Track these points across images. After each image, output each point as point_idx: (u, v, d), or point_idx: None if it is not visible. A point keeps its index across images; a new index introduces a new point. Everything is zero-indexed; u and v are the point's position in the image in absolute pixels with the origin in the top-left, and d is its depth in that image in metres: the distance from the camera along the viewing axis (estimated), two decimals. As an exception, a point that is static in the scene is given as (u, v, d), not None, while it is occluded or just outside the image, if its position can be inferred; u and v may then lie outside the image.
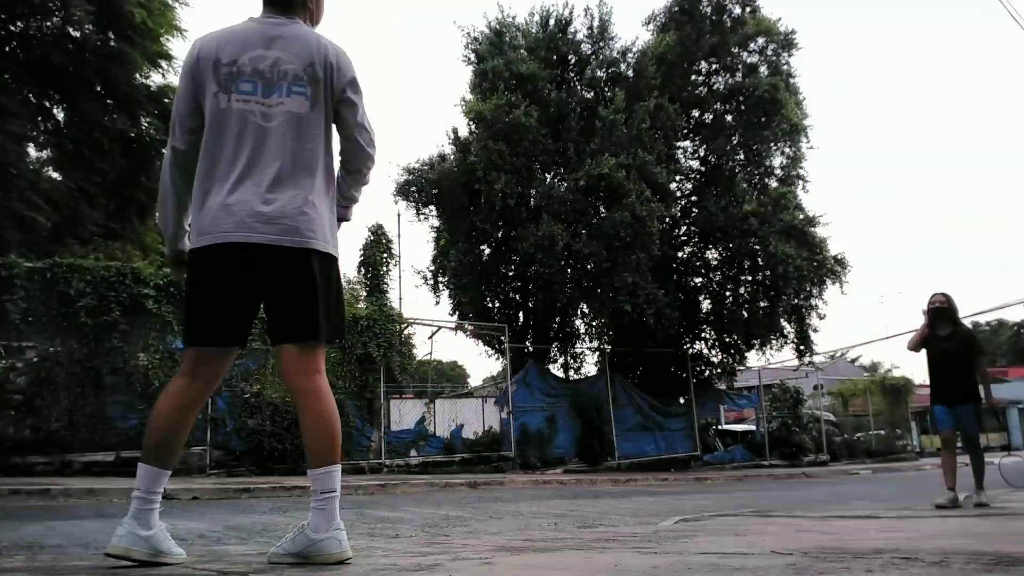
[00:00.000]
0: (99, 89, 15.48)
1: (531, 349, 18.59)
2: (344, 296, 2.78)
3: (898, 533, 3.87)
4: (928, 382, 7.06)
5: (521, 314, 19.28)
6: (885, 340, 58.46)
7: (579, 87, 18.10)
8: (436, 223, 19.25)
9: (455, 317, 18.88)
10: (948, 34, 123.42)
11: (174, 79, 16.73)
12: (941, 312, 6.85)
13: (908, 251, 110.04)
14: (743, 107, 18.63)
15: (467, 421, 16.12)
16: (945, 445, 6.85)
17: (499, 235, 18.17)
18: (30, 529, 4.91)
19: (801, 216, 18.10)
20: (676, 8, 18.62)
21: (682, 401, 19.73)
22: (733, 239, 17.62)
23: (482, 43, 18.15)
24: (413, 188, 18.24)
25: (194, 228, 2.49)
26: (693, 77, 19.30)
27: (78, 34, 14.81)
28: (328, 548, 2.42)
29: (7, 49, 14.88)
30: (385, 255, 14.49)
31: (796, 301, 18.10)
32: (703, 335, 20.17)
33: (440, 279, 19.29)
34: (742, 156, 19.28)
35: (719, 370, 20.43)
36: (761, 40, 19.10)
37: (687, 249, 19.68)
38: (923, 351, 7.00)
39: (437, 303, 19.68)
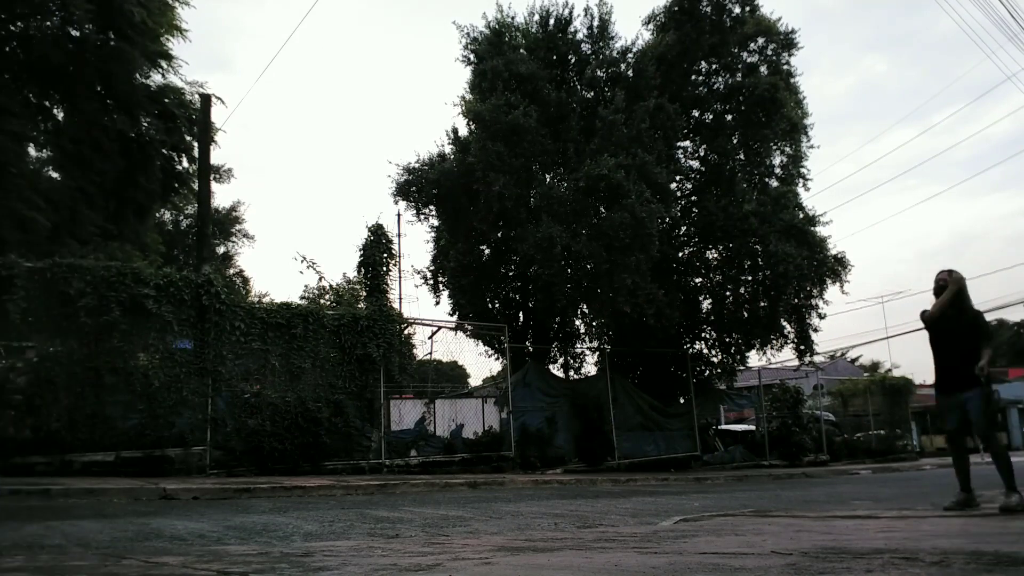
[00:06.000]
0: (99, 89, 15.47)
1: (531, 349, 18.59)
2: None
3: (898, 533, 3.86)
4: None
5: (521, 314, 19.28)
6: (885, 340, 58.45)
7: (579, 87, 18.08)
8: (436, 223, 19.26)
9: (455, 317, 18.88)
10: None
11: (174, 79, 16.73)
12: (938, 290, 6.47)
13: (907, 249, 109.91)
14: (743, 107, 18.62)
15: (467, 421, 16.10)
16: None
17: (499, 235, 18.17)
18: (30, 529, 4.91)
19: (801, 215, 18.13)
20: (676, 8, 18.59)
21: (682, 401, 19.73)
22: (733, 239, 17.62)
23: (481, 43, 18.13)
24: (413, 188, 18.24)
25: None
26: (693, 77, 19.28)
27: (78, 34, 14.80)
28: None
29: (7, 49, 14.87)
30: (385, 255, 14.46)
31: (796, 301, 18.10)
32: (703, 335, 20.18)
33: (440, 279, 19.29)
34: (742, 156, 19.26)
35: (719, 370, 20.42)
36: (761, 40, 19.10)
37: (687, 249, 19.66)
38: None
39: (437, 303, 19.71)
